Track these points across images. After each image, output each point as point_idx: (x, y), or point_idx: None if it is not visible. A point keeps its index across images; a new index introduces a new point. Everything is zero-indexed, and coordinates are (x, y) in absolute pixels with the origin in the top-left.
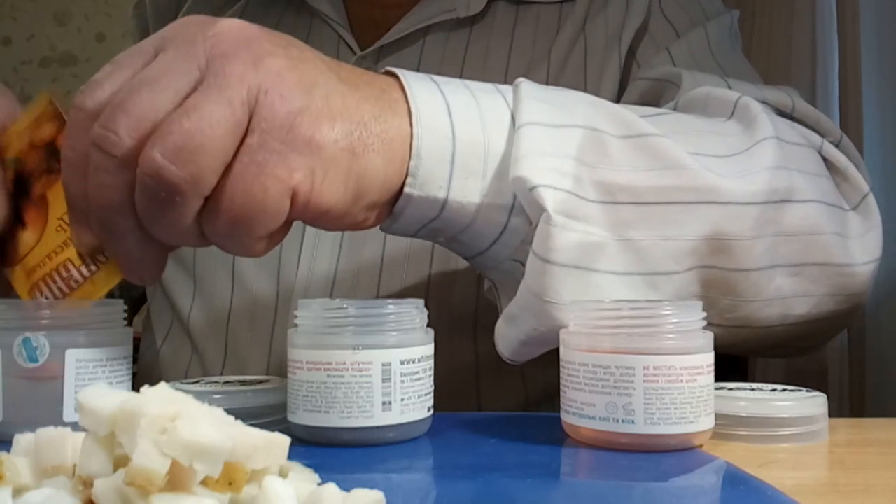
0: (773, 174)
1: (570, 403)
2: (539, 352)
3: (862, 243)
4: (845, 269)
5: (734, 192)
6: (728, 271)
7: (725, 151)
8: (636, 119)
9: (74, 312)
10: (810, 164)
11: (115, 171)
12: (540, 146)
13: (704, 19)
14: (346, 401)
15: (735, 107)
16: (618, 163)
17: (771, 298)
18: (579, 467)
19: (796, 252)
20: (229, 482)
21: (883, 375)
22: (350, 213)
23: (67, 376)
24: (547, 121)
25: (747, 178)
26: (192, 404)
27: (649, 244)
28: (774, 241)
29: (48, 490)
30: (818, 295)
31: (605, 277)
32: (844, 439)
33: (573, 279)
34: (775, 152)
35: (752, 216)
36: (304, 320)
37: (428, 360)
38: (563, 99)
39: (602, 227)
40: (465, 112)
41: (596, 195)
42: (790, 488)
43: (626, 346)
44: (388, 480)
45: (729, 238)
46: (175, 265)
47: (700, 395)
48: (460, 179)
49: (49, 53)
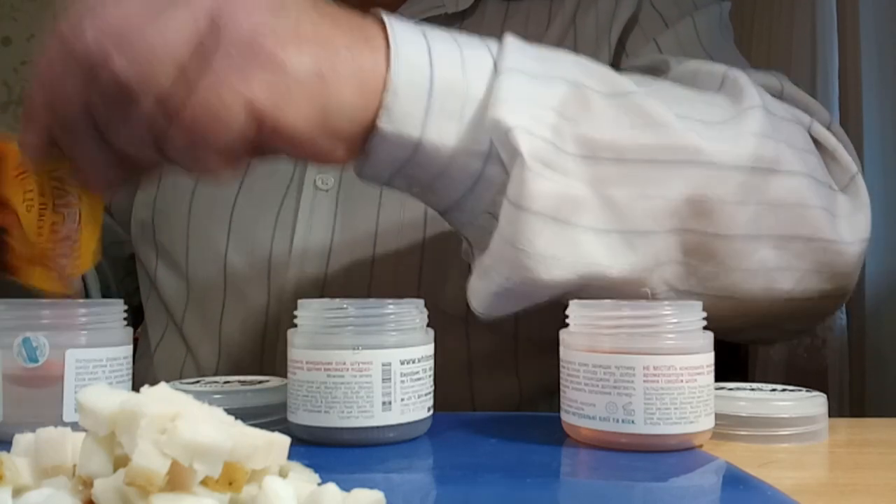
0: (759, 141)
1: (570, 403)
2: (512, 307)
3: (850, 223)
4: (832, 245)
5: (718, 155)
6: (710, 236)
7: (711, 118)
8: (622, 79)
9: (74, 312)
10: (798, 139)
11: (76, 69)
12: (521, 93)
13: (693, 9)
14: (346, 401)
15: (723, 80)
16: (601, 119)
17: (754, 269)
18: (579, 467)
19: (782, 224)
20: (229, 482)
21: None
22: (317, 142)
23: (67, 376)
24: (530, 71)
25: (732, 143)
26: (192, 404)
27: (629, 202)
28: (759, 210)
29: (48, 490)
30: (803, 270)
31: (583, 233)
32: (844, 439)
33: (550, 231)
34: (762, 121)
35: (736, 180)
36: (304, 320)
37: (428, 360)
38: (549, 54)
39: (582, 182)
40: (447, 54)
41: (577, 150)
42: (790, 488)
43: (626, 346)
44: (388, 480)
45: (711, 201)
46: (168, 269)
47: (700, 395)
48: (436, 119)
49: None
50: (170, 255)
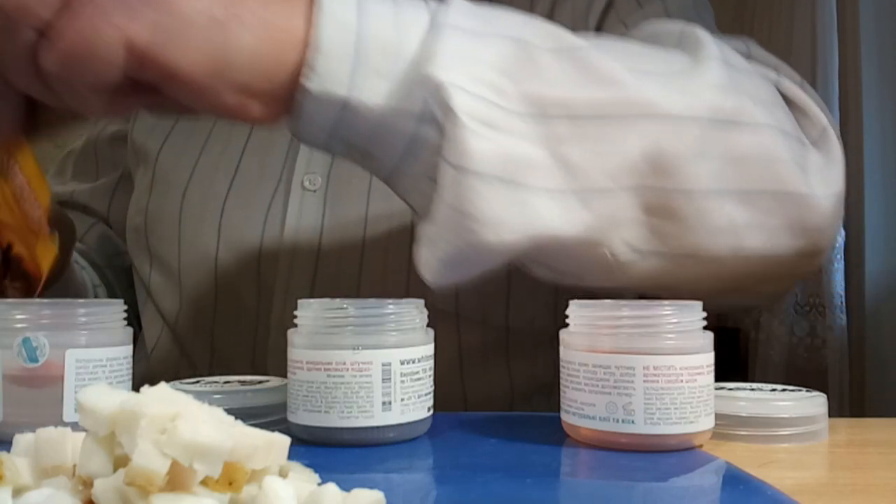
0: (717, 93)
1: (570, 403)
2: (462, 274)
3: (822, 177)
4: (804, 199)
5: (673, 107)
6: (670, 192)
7: (665, 70)
8: (571, 36)
9: (74, 312)
10: (763, 92)
11: None
12: (457, 50)
13: None
14: (346, 401)
15: (680, 35)
16: (548, 76)
17: (720, 227)
18: (579, 467)
19: (748, 179)
20: (229, 482)
21: (883, 375)
22: (216, 92)
23: (67, 376)
24: (470, 28)
25: (689, 94)
26: (192, 404)
27: (583, 160)
28: (722, 164)
29: (48, 490)
30: (773, 226)
31: (534, 194)
32: (844, 439)
33: (497, 193)
34: (720, 73)
35: (693, 133)
36: (304, 320)
37: (428, 359)
38: (493, 13)
39: (531, 141)
40: (378, 10)
41: (524, 108)
42: (790, 488)
43: (626, 346)
44: (388, 480)
45: (669, 155)
46: (161, 274)
47: (700, 395)
48: (363, 78)
49: None
50: (162, 259)
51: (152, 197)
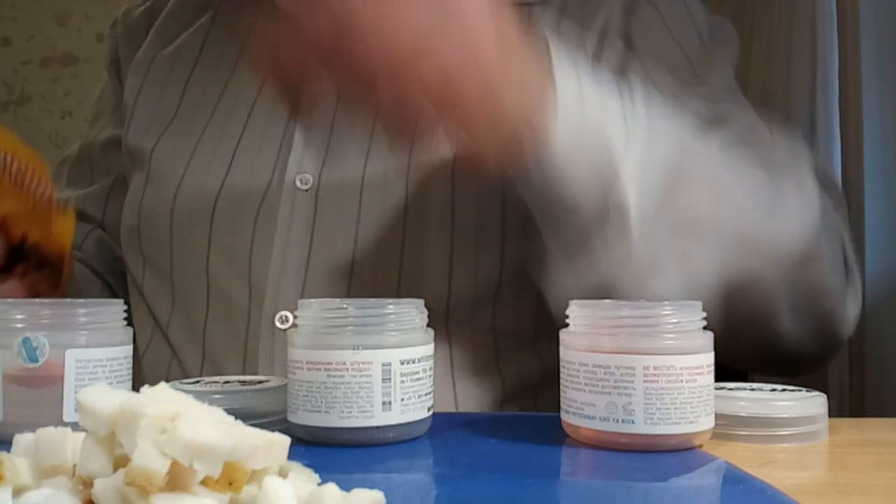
0: (806, 233)
1: (570, 403)
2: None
3: (851, 303)
4: (837, 319)
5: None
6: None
7: (767, 200)
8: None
9: (74, 312)
10: (834, 225)
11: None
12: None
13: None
14: (346, 401)
15: (783, 147)
16: (690, 202)
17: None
18: (579, 467)
19: (801, 300)
20: (229, 482)
21: (883, 375)
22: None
23: (67, 376)
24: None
25: (783, 235)
26: (192, 404)
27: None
28: (790, 289)
29: (48, 490)
30: (803, 330)
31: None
32: (844, 439)
33: None
34: (813, 211)
35: (778, 271)
36: (304, 320)
37: (428, 359)
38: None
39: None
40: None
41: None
42: (790, 488)
43: (626, 346)
44: (388, 480)
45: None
46: (154, 276)
47: (700, 395)
48: (578, 167)
49: (49, 53)
50: (155, 260)
51: (145, 197)
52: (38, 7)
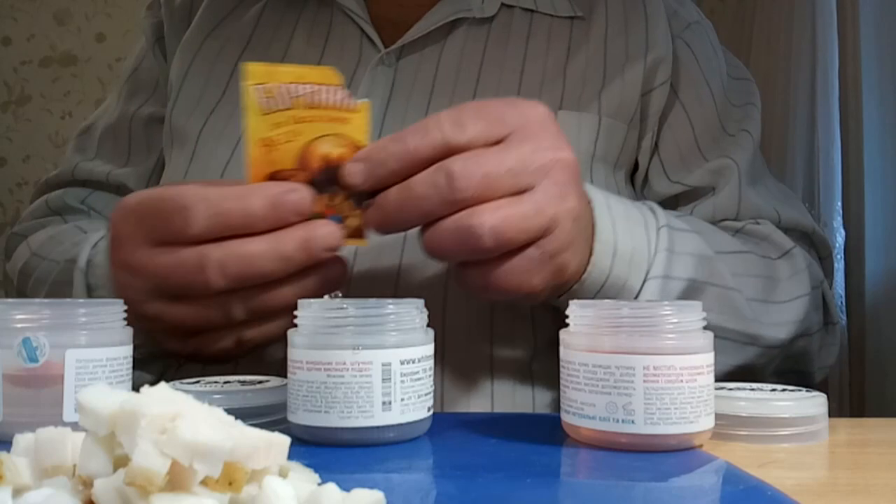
0: (800, 323)
1: (570, 403)
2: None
3: (825, 356)
4: (811, 372)
5: (773, 341)
6: None
7: (771, 299)
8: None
9: (74, 312)
10: (815, 302)
11: (439, 203)
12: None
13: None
14: (346, 401)
15: (781, 248)
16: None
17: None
18: (579, 467)
19: (787, 362)
20: (229, 482)
21: (883, 375)
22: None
23: (67, 376)
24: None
25: (783, 327)
26: (192, 404)
27: None
28: (781, 361)
29: (48, 490)
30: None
31: None
32: (844, 439)
33: None
34: (804, 305)
35: (776, 355)
36: (304, 320)
37: (428, 360)
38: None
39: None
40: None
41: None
42: (790, 488)
43: (626, 346)
44: (388, 480)
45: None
46: None
47: (700, 395)
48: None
49: (49, 53)
50: None
51: (188, 175)
52: (38, 7)
